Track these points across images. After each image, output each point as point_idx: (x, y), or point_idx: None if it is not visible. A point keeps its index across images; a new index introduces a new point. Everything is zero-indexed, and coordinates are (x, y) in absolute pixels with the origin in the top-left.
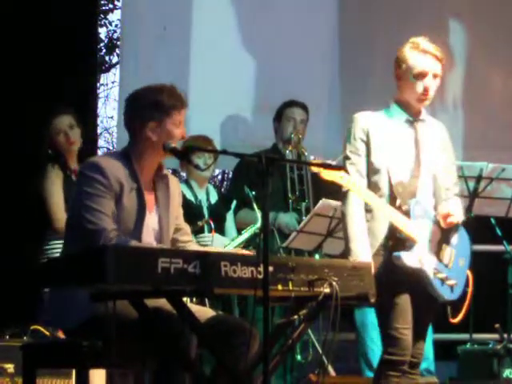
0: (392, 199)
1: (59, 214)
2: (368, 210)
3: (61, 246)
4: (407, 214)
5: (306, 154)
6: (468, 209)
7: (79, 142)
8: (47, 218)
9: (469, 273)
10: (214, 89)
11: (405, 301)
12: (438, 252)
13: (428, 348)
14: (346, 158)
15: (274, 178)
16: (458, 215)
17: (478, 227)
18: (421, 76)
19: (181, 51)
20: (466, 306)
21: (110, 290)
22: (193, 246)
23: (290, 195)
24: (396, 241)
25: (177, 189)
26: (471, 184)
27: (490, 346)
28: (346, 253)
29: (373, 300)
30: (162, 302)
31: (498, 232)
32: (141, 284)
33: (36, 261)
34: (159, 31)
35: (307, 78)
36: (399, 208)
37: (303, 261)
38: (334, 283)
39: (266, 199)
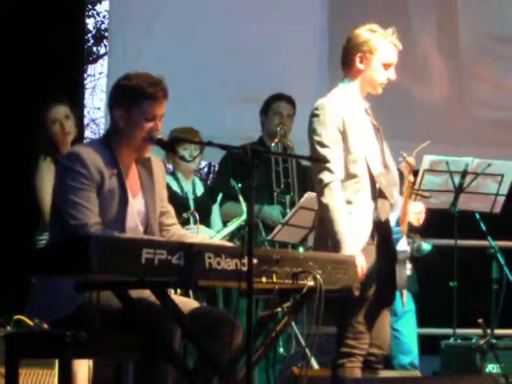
0: (373, 190)
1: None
2: (348, 201)
3: None
4: (392, 207)
5: (292, 147)
6: (453, 204)
7: (73, 132)
8: (38, 210)
9: None
10: (201, 79)
11: (373, 299)
12: None
13: (413, 342)
14: (323, 145)
15: (259, 170)
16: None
17: (462, 222)
18: (387, 66)
19: (169, 41)
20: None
21: (94, 280)
22: (177, 229)
23: (275, 188)
24: (381, 233)
25: (160, 170)
26: (456, 179)
27: (473, 340)
28: (333, 246)
29: (357, 293)
30: (146, 293)
31: (483, 227)
32: (125, 275)
33: (27, 251)
34: (147, 22)
35: (295, 70)
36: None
37: (288, 253)
38: (318, 276)
39: (252, 192)
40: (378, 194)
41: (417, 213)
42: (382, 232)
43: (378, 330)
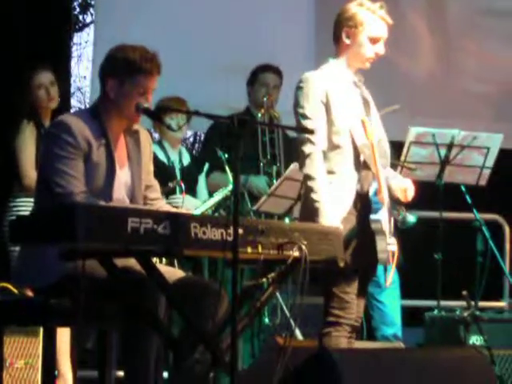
0: (357, 162)
1: (30, 171)
2: (330, 172)
3: (28, 203)
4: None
5: (278, 117)
6: (438, 176)
7: (57, 99)
8: (17, 173)
9: (395, 241)
10: (188, 49)
11: (359, 269)
12: (389, 218)
13: (396, 314)
14: (306, 117)
15: (245, 141)
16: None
17: (447, 194)
18: (374, 41)
19: (156, 11)
20: (393, 270)
21: (80, 248)
22: (161, 204)
23: (261, 158)
24: (364, 203)
25: (147, 143)
26: (442, 151)
27: (457, 312)
28: (312, 215)
29: (342, 264)
30: (132, 262)
31: (468, 199)
32: (110, 243)
33: (2, 217)
34: None
35: (282, 39)
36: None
37: (273, 224)
38: (304, 247)
39: (238, 162)
40: (362, 165)
41: (403, 189)
42: (365, 203)
43: None
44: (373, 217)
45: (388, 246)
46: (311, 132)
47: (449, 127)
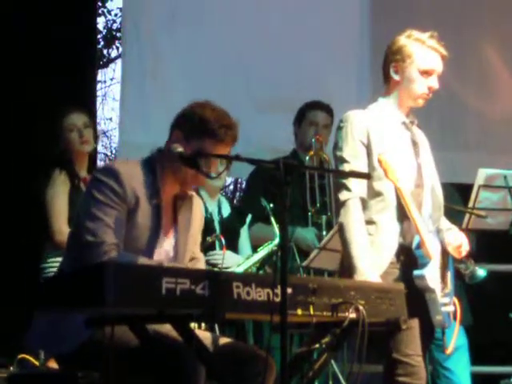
0: (400, 211)
1: (62, 226)
2: (370, 221)
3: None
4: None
5: (329, 160)
6: None
7: (92, 143)
8: (47, 229)
9: (455, 300)
10: (226, 84)
11: (417, 325)
12: (442, 274)
13: (465, 382)
14: (344, 161)
15: (292, 188)
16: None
17: None
18: (427, 74)
19: (190, 41)
20: (455, 334)
21: (108, 314)
22: None
23: (309, 207)
24: (408, 256)
25: (199, 212)
26: None
27: None
28: (348, 270)
29: (404, 326)
30: (167, 328)
31: None
32: (143, 307)
33: (34, 279)
34: (165, 20)
35: (333, 76)
36: None
37: (326, 282)
38: (361, 307)
39: (285, 212)
40: (404, 215)
41: (456, 245)
42: (409, 256)
43: None
44: (415, 272)
45: (442, 306)
46: (366, 176)
47: None
